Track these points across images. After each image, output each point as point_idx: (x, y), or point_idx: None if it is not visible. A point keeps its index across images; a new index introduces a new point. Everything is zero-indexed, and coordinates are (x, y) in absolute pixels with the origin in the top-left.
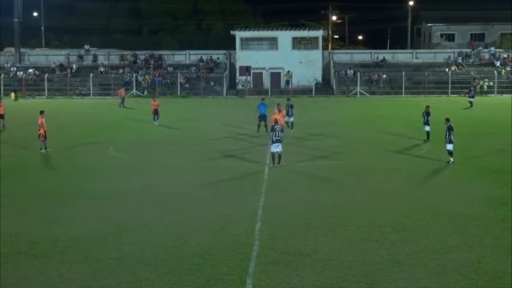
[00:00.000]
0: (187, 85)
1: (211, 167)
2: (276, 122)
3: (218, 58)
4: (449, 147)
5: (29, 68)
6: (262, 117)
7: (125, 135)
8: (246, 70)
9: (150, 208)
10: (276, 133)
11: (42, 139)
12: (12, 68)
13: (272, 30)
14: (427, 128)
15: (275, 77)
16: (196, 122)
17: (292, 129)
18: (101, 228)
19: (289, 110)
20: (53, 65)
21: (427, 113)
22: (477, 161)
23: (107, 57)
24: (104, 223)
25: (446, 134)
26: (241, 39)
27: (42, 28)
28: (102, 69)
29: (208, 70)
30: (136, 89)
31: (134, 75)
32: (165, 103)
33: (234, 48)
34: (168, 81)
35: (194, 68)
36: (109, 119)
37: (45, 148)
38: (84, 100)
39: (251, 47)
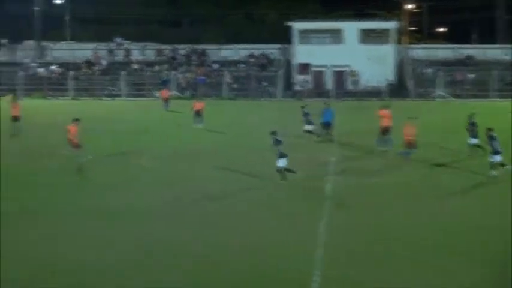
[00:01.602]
0: (235, 85)
1: (262, 182)
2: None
3: (272, 54)
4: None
5: (51, 64)
6: (326, 126)
7: (161, 143)
8: (304, 68)
9: (194, 228)
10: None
11: (75, 147)
12: (32, 64)
13: (336, 21)
14: (475, 141)
15: (339, 76)
16: (245, 129)
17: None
18: (139, 255)
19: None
20: (78, 61)
21: (472, 123)
22: None
23: (141, 52)
24: (139, 247)
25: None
26: (299, 32)
27: (66, 18)
28: (135, 66)
29: (260, 68)
30: (175, 90)
31: (173, 73)
32: (209, 106)
33: (291, 42)
34: (213, 80)
35: (243, 65)
36: (143, 124)
37: (81, 157)
38: (115, 102)
39: (311, 41)
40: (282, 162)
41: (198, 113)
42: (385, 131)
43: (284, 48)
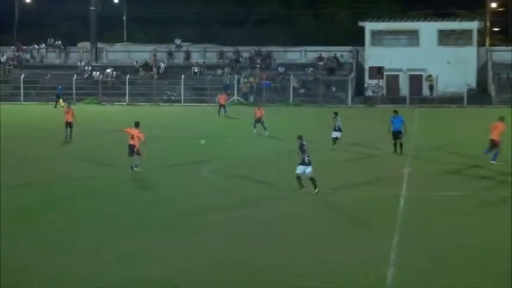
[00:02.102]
0: (302, 90)
1: (330, 198)
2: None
3: (342, 56)
4: None
5: (107, 67)
6: (396, 135)
7: (224, 152)
8: (377, 72)
9: (260, 244)
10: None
11: (139, 153)
12: (86, 68)
13: (412, 21)
14: None
15: (415, 81)
16: (312, 139)
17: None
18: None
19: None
20: (136, 64)
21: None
22: None
23: (202, 54)
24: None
25: None
26: (372, 33)
27: (124, 18)
28: (196, 70)
29: (329, 71)
30: (238, 95)
31: (236, 77)
32: (273, 113)
33: (363, 44)
34: (278, 85)
35: (311, 68)
36: (204, 132)
37: (135, 166)
38: (174, 108)
39: (385, 43)
40: (301, 170)
41: (258, 120)
42: (494, 144)
43: (355, 51)
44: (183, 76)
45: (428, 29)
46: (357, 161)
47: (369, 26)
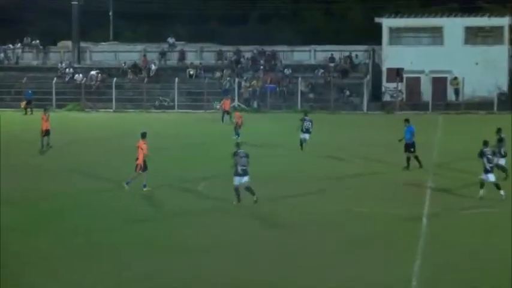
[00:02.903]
0: (311, 95)
1: (338, 217)
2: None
3: (356, 57)
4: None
5: (91, 69)
6: (408, 148)
7: (222, 166)
8: (396, 74)
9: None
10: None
11: (140, 171)
12: (68, 70)
13: (435, 16)
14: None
15: (439, 84)
16: (321, 151)
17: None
18: None
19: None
20: (123, 66)
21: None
22: None
23: (198, 54)
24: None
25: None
26: (391, 30)
27: (110, 14)
28: (191, 72)
29: (342, 74)
30: (239, 100)
31: (237, 80)
32: (278, 120)
33: (380, 43)
34: (284, 89)
35: (321, 70)
36: (201, 142)
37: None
38: (167, 114)
39: (404, 41)
40: (238, 180)
41: (236, 127)
42: None
43: (371, 50)
44: (176, 79)
45: (453, 26)
46: (376, 175)
47: (387, 23)
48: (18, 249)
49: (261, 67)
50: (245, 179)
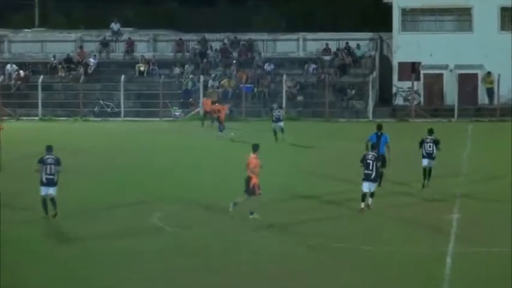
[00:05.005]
0: (300, 97)
1: (355, 253)
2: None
3: (358, 47)
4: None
5: (9, 63)
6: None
7: (181, 189)
8: (411, 70)
9: None
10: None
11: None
12: None
13: None
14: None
15: (467, 83)
16: (310, 171)
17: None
18: None
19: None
20: (53, 60)
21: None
22: None
23: (151, 45)
24: None
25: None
26: (404, 12)
27: None
28: (142, 68)
29: (340, 70)
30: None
31: (202, 78)
32: (255, 132)
33: (390, 30)
34: (265, 90)
35: (313, 65)
36: (155, 160)
37: None
38: (110, 124)
39: (421, 27)
40: (44, 191)
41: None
42: None
43: (378, 39)
44: (123, 77)
45: (485, 7)
46: (389, 200)
47: (398, 2)
48: None
49: (234, 61)
50: (51, 189)
